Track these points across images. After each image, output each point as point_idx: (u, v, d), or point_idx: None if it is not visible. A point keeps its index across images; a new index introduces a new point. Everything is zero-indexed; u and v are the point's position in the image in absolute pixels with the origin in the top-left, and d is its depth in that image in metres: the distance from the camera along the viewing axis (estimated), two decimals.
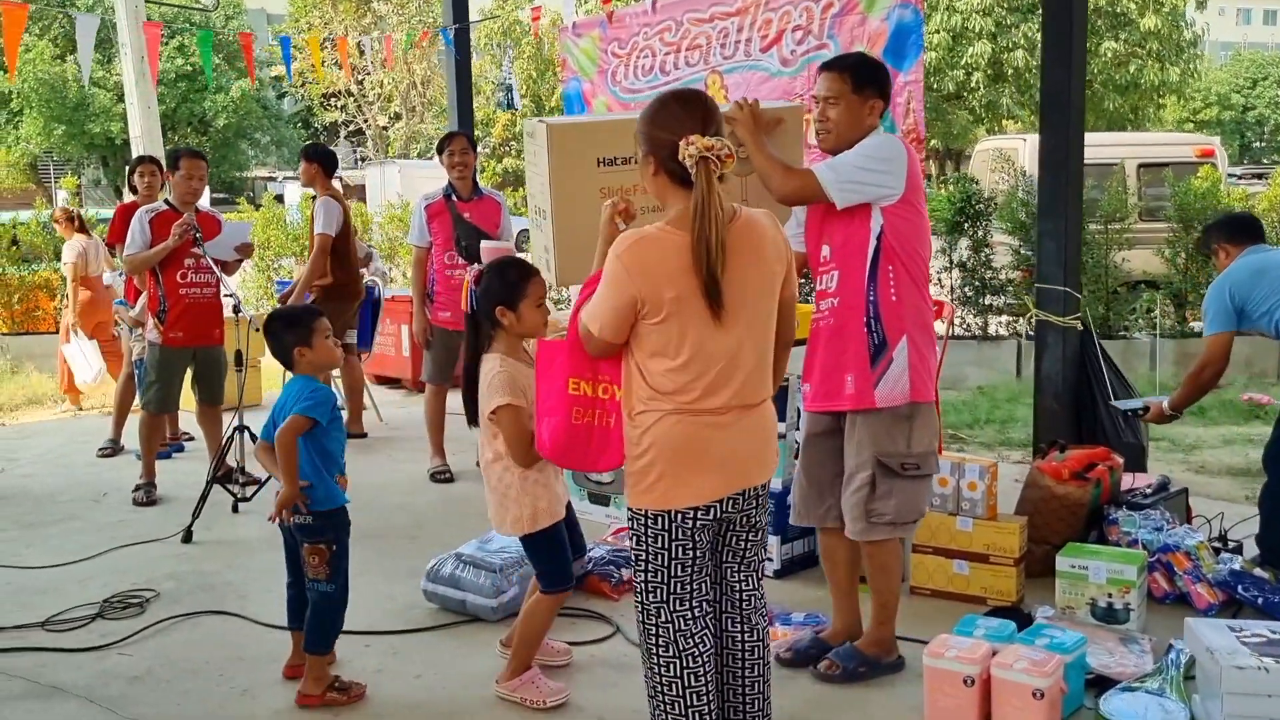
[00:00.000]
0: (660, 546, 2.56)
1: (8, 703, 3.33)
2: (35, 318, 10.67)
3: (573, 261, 3.19)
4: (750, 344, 2.52)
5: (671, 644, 2.58)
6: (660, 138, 2.48)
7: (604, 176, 3.18)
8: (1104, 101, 20.02)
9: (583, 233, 3.06)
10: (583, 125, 3.23)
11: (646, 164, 2.55)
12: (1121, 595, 3.54)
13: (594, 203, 3.00)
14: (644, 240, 2.47)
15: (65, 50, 22.76)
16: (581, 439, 2.67)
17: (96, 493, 5.76)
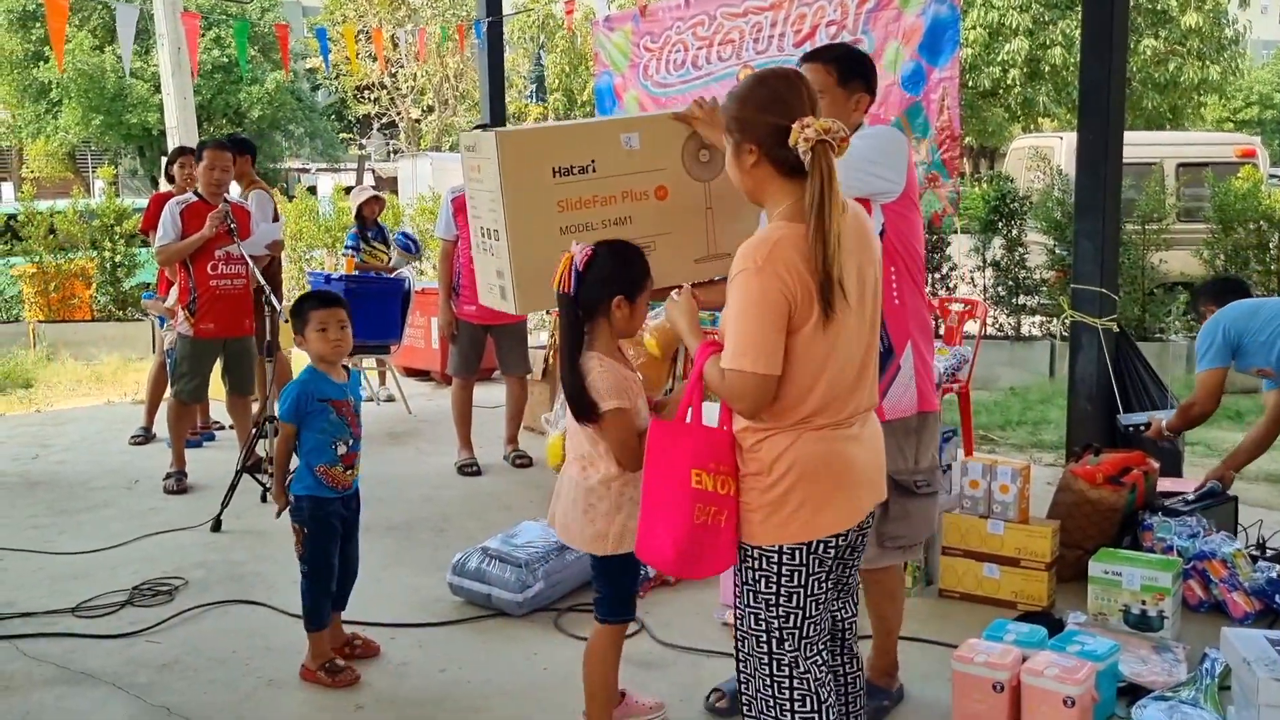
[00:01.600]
0: (797, 585, 2.27)
1: (39, 687, 3.36)
2: (71, 305, 10.79)
3: (533, 286, 2.83)
4: (869, 346, 2.31)
5: (811, 696, 2.30)
6: (764, 122, 2.21)
7: (560, 188, 2.84)
8: (1143, 100, 19.75)
9: (542, 252, 2.79)
10: (533, 132, 2.97)
11: (742, 154, 2.27)
12: (1156, 602, 3.48)
13: (551, 218, 2.81)
14: (782, 241, 2.17)
15: (104, 41, 23.00)
16: (701, 542, 2.26)
17: (128, 480, 5.81)
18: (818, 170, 2.14)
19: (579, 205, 2.85)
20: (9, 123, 25.65)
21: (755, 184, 2.30)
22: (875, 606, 3.16)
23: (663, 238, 2.92)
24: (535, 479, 5.67)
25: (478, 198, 2.93)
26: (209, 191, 5.47)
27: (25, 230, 10.73)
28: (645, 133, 2.91)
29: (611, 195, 2.87)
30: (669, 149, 2.92)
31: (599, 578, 2.84)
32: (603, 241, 2.73)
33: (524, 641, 3.66)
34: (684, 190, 2.94)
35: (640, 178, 2.90)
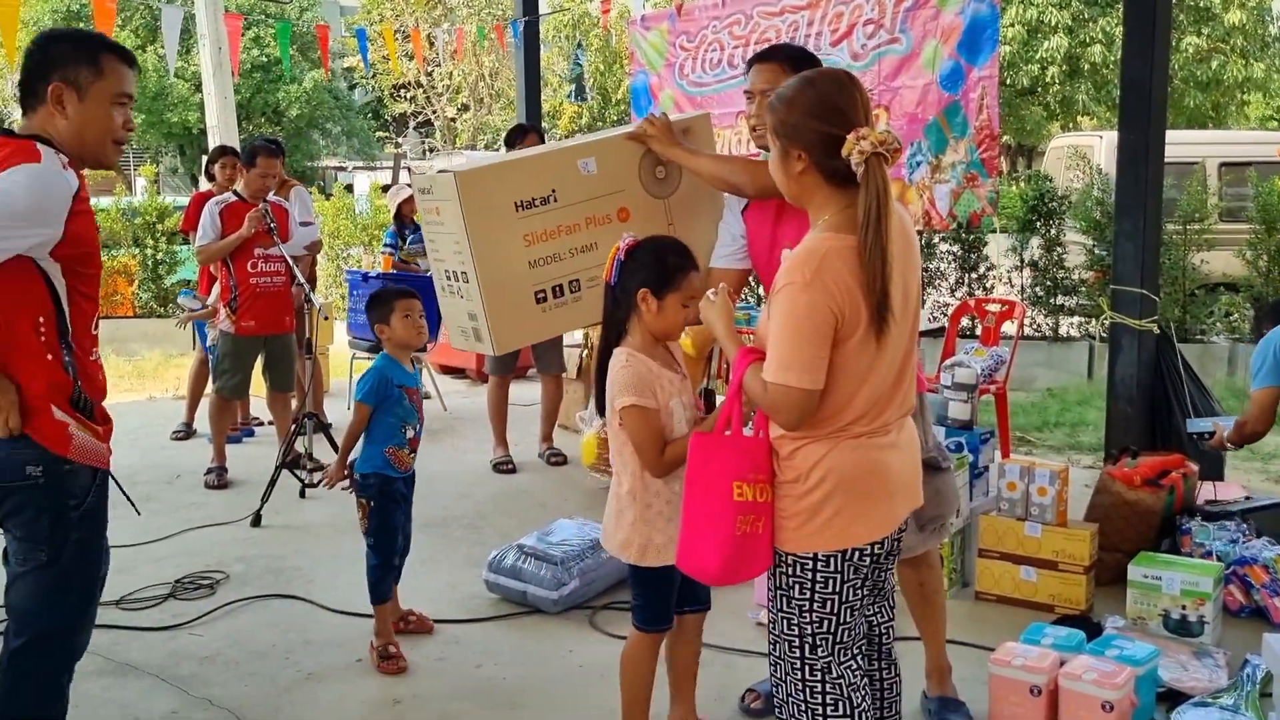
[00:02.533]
0: (831, 592, 2.25)
1: (83, 678, 3.40)
2: (114, 302, 10.96)
3: (510, 323, 2.82)
4: (908, 353, 2.28)
5: (843, 701, 2.28)
6: (816, 129, 2.13)
7: (524, 222, 2.80)
8: (1184, 98, 19.48)
9: (515, 288, 2.78)
10: (490, 169, 2.81)
11: (790, 160, 2.19)
12: (1196, 607, 3.44)
13: (519, 253, 2.78)
14: (830, 255, 2.11)
15: (145, 41, 23.31)
16: (743, 550, 2.25)
17: (170, 475, 5.90)
18: (872, 184, 2.07)
19: (545, 237, 2.83)
20: None
21: (801, 190, 2.22)
22: (933, 598, 3.10)
23: None
24: (570, 477, 5.70)
25: (439, 240, 2.87)
26: (254, 195, 5.54)
27: None
28: (601, 156, 2.91)
29: (575, 223, 2.87)
30: (627, 170, 2.94)
31: (634, 585, 2.80)
32: (655, 236, 2.71)
33: (559, 639, 3.69)
34: (645, 209, 2.96)
35: (601, 202, 2.90)
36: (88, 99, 2.43)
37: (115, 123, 2.48)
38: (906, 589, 3.10)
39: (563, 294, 2.89)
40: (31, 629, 2.49)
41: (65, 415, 2.43)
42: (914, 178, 6.30)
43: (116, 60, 2.48)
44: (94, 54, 2.45)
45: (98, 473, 2.54)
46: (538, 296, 2.84)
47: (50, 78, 2.41)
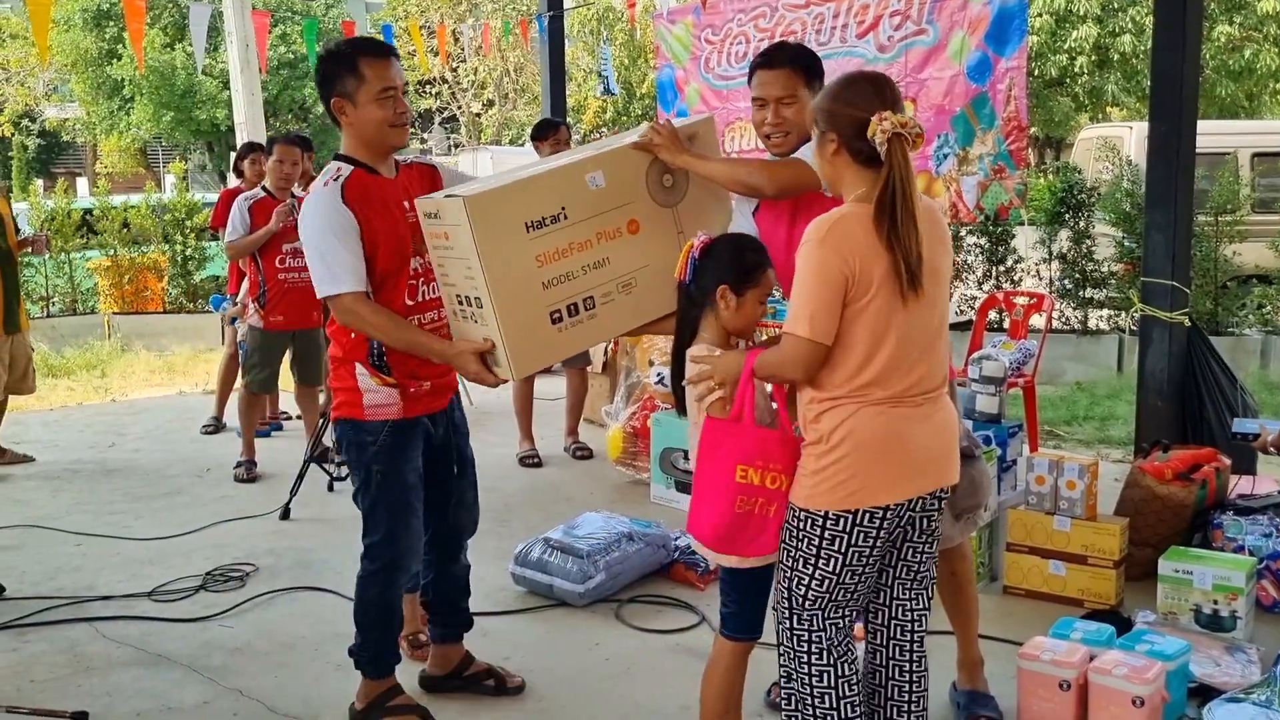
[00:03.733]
0: (837, 550, 2.38)
1: (118, 668, 3.47)
2: (144, 298, 11.06)
3: (529, 346, 2.76)
4: (939, 327, 2.44)
5: (826, 652, 2.43)
6: (848, 114, 2.36)
7: (537, 243, 2.73)
8: (1216, 88, 19.23)
9: (530, 311, 2.74)
10: (499, 191, 2.76)
11: (826, 143, 2.41)
12: (1229, 602, 3.41)
13: (533, 275, 2.72)
14: (846, 218, 2.34)
15: (174, 39, 23.48)
16: (739, 527, 2.47)
17: (200, 468, 5.96)
18: (893, 159, 2.29)
19: (557, 256, 2.76)
20: (84, 119, 26.32)
21: (835, 171, 2.44)
22: (964, 590, 3.11)
23: (642, 272, 2.89)
24: (596, 471, 5.71)
25: (448, 265, 2.80)
26: (277, 186, 5.60)
27: (101, 225, 11.03)
28: (609, 169, 2.84)
29: (587, 239, 2.80)
30: (634, 181, 2.88)
31: (728, 591, 2.67)
32: (732, 234, 2.73)
33: (585, 631, 3.70)
34: (654, 220, 2.91)
35: (611, 215, 2.84)
36: (360, 103, 2.82)
37: (385, 115, 2.82)
38: (939, 580, 3.07)
39: (578, 312, 2.81)
40: None
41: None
42: (941, 170, 6.27)
43: (373, 59, 2.81)
44: (353, 62, 2.81)
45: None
46: (553, 317, 2.78)
47: (331, 96, 2.85)
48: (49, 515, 5.14)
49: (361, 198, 2.82)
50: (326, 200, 2.80)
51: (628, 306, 2.89)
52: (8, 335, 5.92)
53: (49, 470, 6.03)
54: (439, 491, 3.12)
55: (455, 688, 3.25)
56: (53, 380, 8.76)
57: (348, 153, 2.92)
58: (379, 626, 3.03)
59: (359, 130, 2.86)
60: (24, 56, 25.03)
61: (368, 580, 3.00)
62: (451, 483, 3.16)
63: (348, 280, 2.79)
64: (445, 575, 3.24)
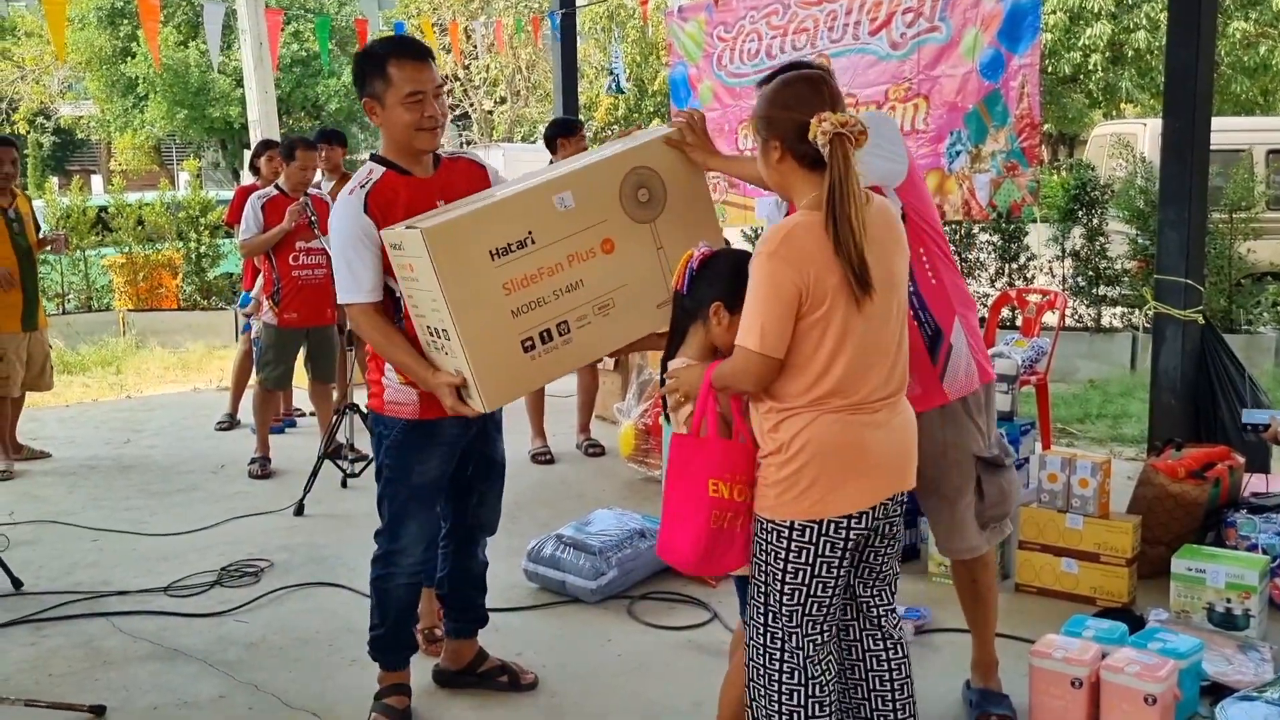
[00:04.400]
0: (804, 562, 2.34)
1: (134, 662, 3.51)
2: (159, 295, 11.13)
3: (498, 379, 2.68)
4: (897, 332, 2.39)
5: (799, 670, 2.38)
6: (788, 118, 2.32)
7: (502, 270, 2.64)
8: (1231, 84, 19.14)
9: (500, 342, 2.65)
10: (459, 220, 2.66)
11: (769, 150, 2.38)
12: (1241, 601, 3.40)
13: (500, 303, 2.64)
14: (796, 228, 2.30)
15: (187, 36, 23.57)
16: (717, 543, 2.42)
17: (215, 465, 6.00)
18: (835, 161, 2.24)
19: (526, 282, 2.67)
20: (99, 117, 26.44)
21: (781, 178, 2.41)
22: (987, 594, 3.08)
23: (620, 292, 2.80)
24: (608, 468, 5.73)
25: (417, 296, 2.74)
26: (294, 188, 5.63)
27: (115, 222, 11.09)
28: (577, 188, 2.75)
29: (557, 263, 2.70)
30: (607, 198, 2.78)
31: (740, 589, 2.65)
32: (734, 251, 2.61)
33: (597, 627, 3.72)
34: (631, 237, 2.81)
35: (582, 236, 2.74)
36: (387, 105, 2.81)
37: (412, 118, 2.80)
38: (959, 585, 3.10)
39: (551, 338, 2.72)
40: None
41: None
42: (954, 167, 6.26)
43: (403, 61, 2.79)
44: (382, 64, 2.80)
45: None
46: (525, 345, 2.69)
47: (363, 97, 2.86)
48: (66, 511, 5.18)
49: (386, 203, 2.81)
50: (350, 209, 2.82)
51: (606, 328, 2.80)
52: (26, 333, 5.97)
53: (66, 466, 6.08)
54: (463, 489, 3.15)
55: (469, 683, 3.27)
56: (68, 377, 8.82)
57: (383, 153, 2.92)
58: (377, 613, 3.07)
59: (389, 132, 2.87)
60: (39, 55, 25.16)
61: (372, 564, 3.07)
62: (476, 482, 3.17)
63: (356, 291, 2.83)
64: (461, 571, 3.26)
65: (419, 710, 3.14)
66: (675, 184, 2.89)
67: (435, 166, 2.96)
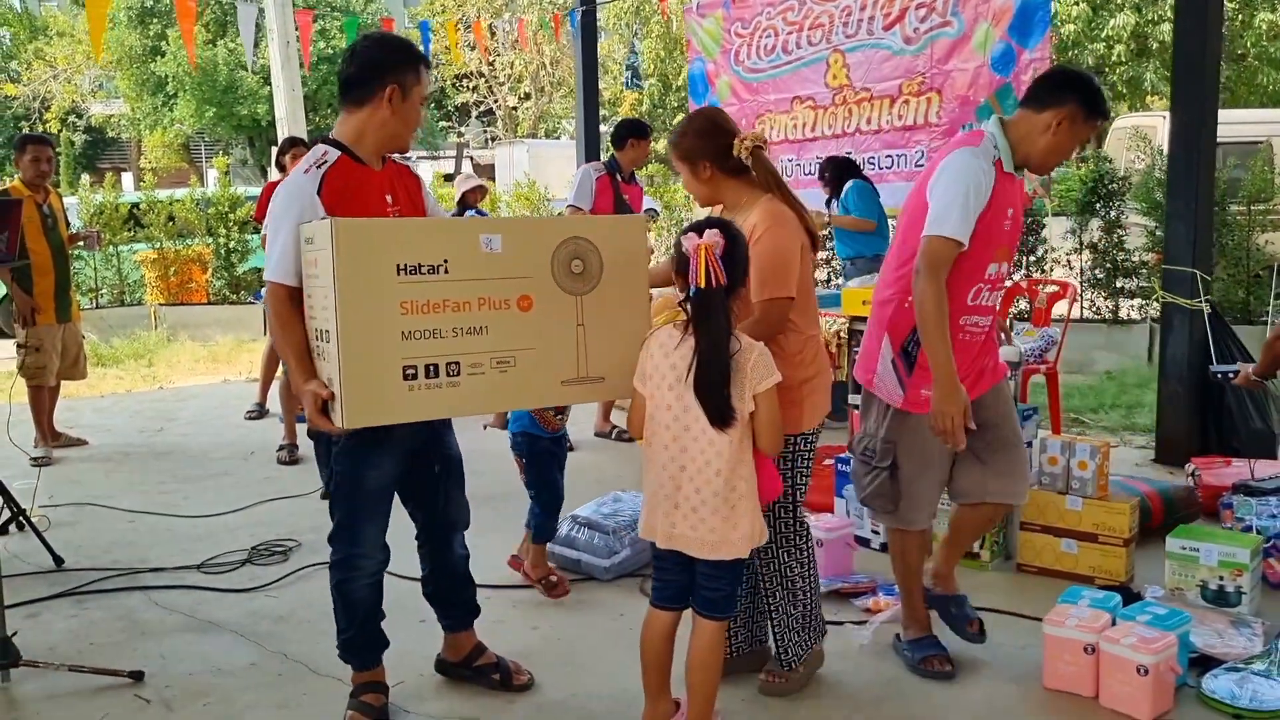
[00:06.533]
0: (810, 460, 3.06)
1: (171, 634, 3.68)
2: (189, 289, 11.37)
3: (366, 396, 2.52)
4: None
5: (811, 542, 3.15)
6: (714, 144, 2.97)
7: (406, 288, 2.53)
8: (1258, 76, 19.02)
9: (380, 358, 2.51)
10: (376, 222, 2.62)
11: (701, 170, 2.99)
12: (1233, 578, 3.50)
13: (392, 320, 2.51)
14: (780, 211, 2.92)
15: (216, 35, 23.88)
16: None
17: (244, 451, 6.19)
18: (762, 164, 2.97)
19: (427, 309, 2.55)
20: (129, 115, 26.82)
21: (713, 189, 3.03)
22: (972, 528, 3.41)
23: (525, 353, 2.70)
24: (630, 453, 5.88)
25: (315, 295, 2.63)
26: None
27: (147, 218, 11.34)
28: (509, 235, 2.68)
29: (466, 300, 2.61)
30: (537, 256, 2.70)
31: (721, 577, 2.70)
32: (717, 221, 2.68)
33: (610, 603, 3.86)
34: (552, 303, 2.72)
35: (501, 284, 2.65)
36: (410, 99, 2.88)
37: (419, 119, 2.96)
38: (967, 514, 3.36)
39: (437, 375, 2.59)
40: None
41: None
42: None
43: (425, 69, 2.95)
44: (416, 64, 2.91)
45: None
46: (406, 373, 2.55)
47: (386, 80, 2.84)
48: (103, 494, 5.38)
49: (341, 188, 2.77)
50: (301, 188, 2.75)
51: (500, 385, 2.69)
52: (60, 324, 6.18)
53: (102, 453, 6.29)
54: (427, 489, 3.10)
55: (466, 676, 3.28)
56: (102, 369, 9.06)
57: (344, 138, 2.86)
58: (341, 617, 3.01)
59: (390, 123, 2.84)
60: (70, 54, 25.55)
61: (331, 569, 3.03)
62: (438, 481, 3.11)
63: (282, 271, 2.74)
64: (442, 568, 3.23)
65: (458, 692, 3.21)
66: (614, 267, 2.81)
67: (383, 164, 2.95)
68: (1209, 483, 4.59)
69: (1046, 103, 3.01)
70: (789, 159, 7.64)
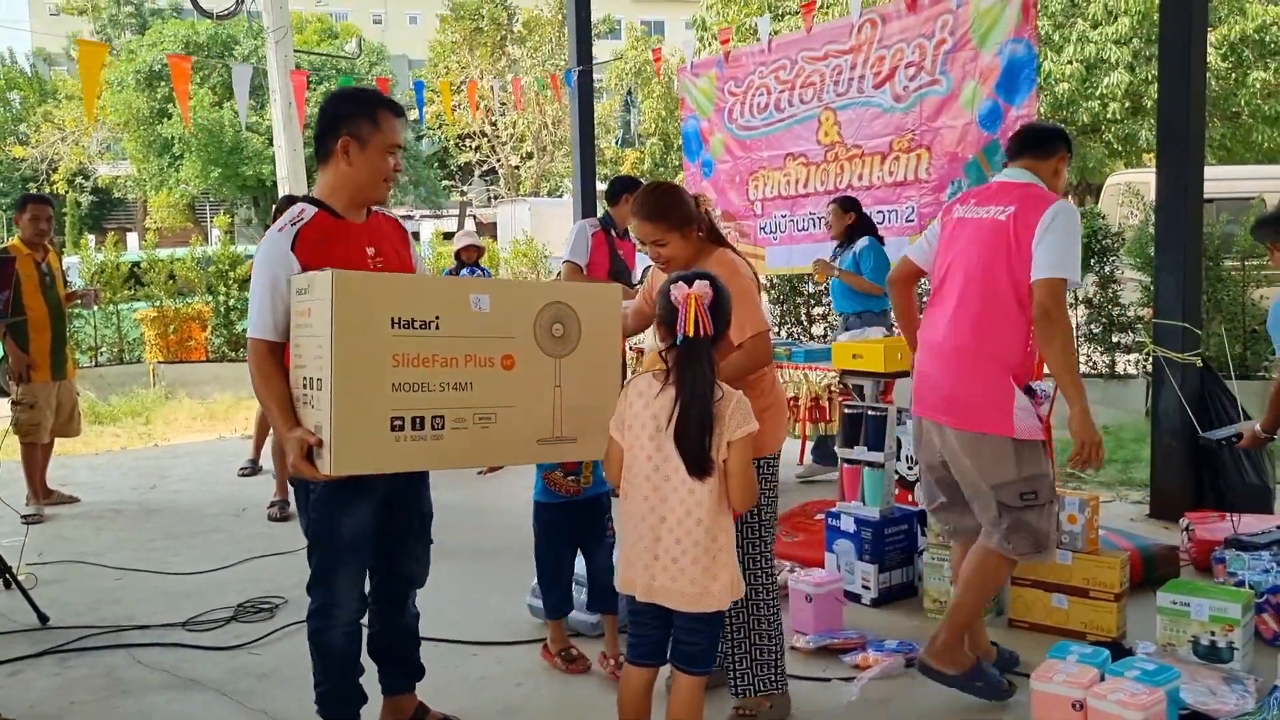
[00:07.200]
0: (773, 483, 3.23)
1: (151, 691, 3.64)
2: (188, 347, 11.41)
3: (356, 444, 2.57)
4: None
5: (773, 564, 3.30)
6: (693, 209, 3.22)
7: (399, 341, 2.60)
8: (1252, 133, 19.22)
9: (370, 408, 2.57)
10: (373, 276, 2.69)
11: (690, 235, 3.20)
12: (1225, 634, 3.46)
13: (384, 372, 2.58)
14: (743, 262, 3.23)
15: (222, 98, 24.27)
16: None
17: (236, 508, 6.17)
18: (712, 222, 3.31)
19: (417, 362, 2.63)
20: (135, 176, 27.14)
21: (696, 250, 3.22)
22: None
23: (504, 410, 2.78)
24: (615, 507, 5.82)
25: (304, 344, 2.69)
26: None
27: (148, 276, 11.42)
28: (497, 296, 2.77)
29: (454, 357, 2.69)
30: (521, 318, 2.80)
31: (700, 630, 2.67)
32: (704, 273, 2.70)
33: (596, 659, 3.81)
34: (532, 363, 2.81)
35: (487, 343, 2.74)
36: (368, 149, 2.85)
37: (387, 167, 2.90)
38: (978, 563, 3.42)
39: (422, 428, 2.65)
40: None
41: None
42: None
43: (390, 115, 2.89)
44: (373, 110, 2.86)
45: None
46: (394, 424, 2.61)
47: (339, 132, 2.85)
48: (92, 551, 5.36)
49: (317, 243, 2.79)
50: (277, 246, 2.79)
51: (479, 441, 2.75)
52: (55, 381, 6.21)
53: (93, 510, 6.28)
54: (391, 540, 3.03)
55: None
56: (99, 427, 9.07)
57: (320, 195, 2.90)
58: (318, 668, 2.97)
59: (354, 176, 2.85)
60: (79, 117, 25.95)
61: (308, 619, 2.98)
62: (404, 534, 3.07)
63: (264, 328, 2.78)
64: (392, 626, 3.15)
65: None
66: (591, 333, 2.91)
67: (366, 216, 2.96)
68: (1203, 537, 4.56)
69: (1048, 149, 3.41)
70: (782, 215, 7.70)
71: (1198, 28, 5.34)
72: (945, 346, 3.31)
